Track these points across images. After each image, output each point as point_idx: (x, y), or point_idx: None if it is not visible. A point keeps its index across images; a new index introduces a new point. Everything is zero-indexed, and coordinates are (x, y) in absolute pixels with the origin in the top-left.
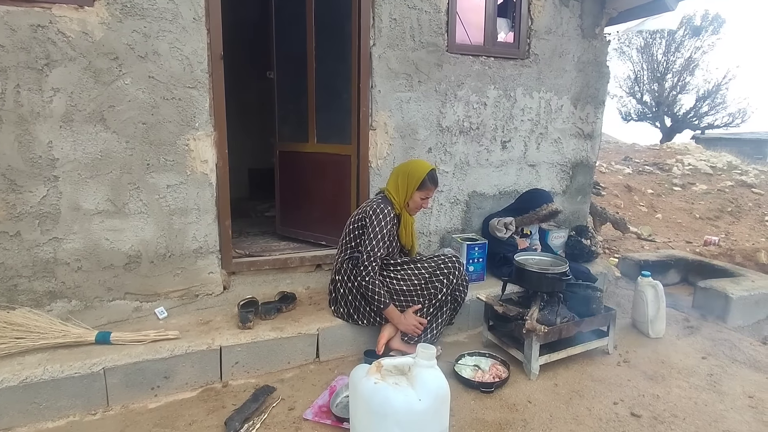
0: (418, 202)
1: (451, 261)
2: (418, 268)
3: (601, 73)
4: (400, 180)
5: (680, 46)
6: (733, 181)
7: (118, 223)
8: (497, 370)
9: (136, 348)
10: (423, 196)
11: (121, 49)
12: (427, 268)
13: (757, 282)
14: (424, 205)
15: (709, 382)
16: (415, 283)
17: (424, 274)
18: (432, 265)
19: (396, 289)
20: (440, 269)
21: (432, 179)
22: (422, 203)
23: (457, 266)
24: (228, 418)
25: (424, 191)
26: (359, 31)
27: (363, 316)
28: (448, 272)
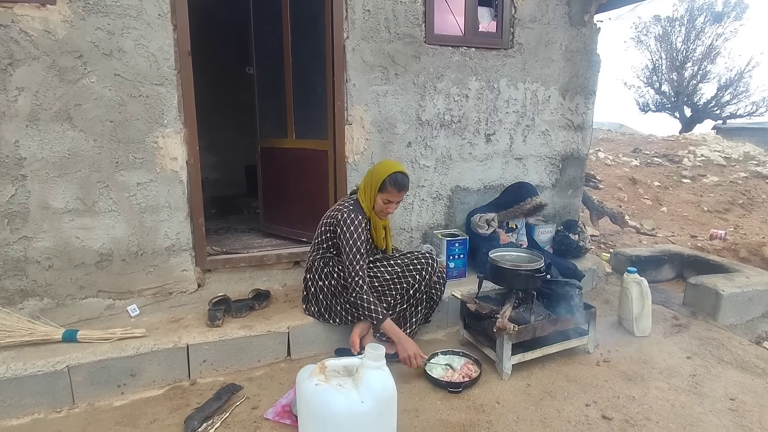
0: (381, 206)
1: (424, 257)
2: (391, 264)
3: (591, 62)
4: (365, 181)
5: (701, 34)
6: (748, 172)
7: (89, 222)
8: (468, 370)
9: (101, 346)
10: (384, 199)
11: (85, 47)
12: (401, 264)
13: (753, 278)
14: (388, 210)
15: (691, 384)
16: (387, 278)
17: (396, 269)
18: (405, 261)
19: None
20: (413, 265)
21: (393, 182)
22: (386, 207)
23: (430, 262)
24: (188, 416)
25: (385, 194)
26: (332, 24)
27: (335, 314)
28: (421, 268)
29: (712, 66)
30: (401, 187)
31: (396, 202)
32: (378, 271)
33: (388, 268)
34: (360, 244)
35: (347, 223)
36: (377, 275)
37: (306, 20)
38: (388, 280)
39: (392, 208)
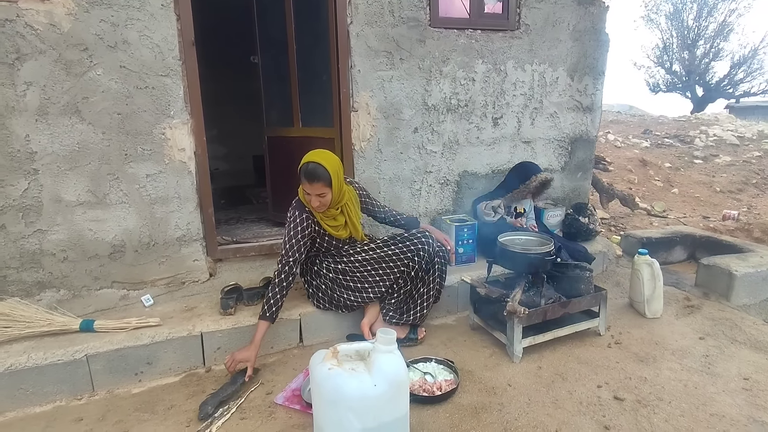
0: (306, 197)
1: (416, 237)
2: (382, 248)
3: (599, 41)
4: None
5: (713, 10)
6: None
7: (101, 214)
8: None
9: (118, 335)
10: (305, 190)
11: (90, 40)
12: (392, 247)
13: (766, 258)
14: (312, 203)
15: (704, 364)
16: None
17: (387, 252)
18: (398, 242)
19: (359, 273)
20: (407, 247)
21: (304, 172)
22: (309, 199)
23: (424, 241)
24: (203, 402)
25: (303, 185)
26: (335, 9)
27: (340, 305)
28: (416, 249)
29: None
30: (311, 177)
31: (314, 195)
32: (372, 254)
33: (383, 251)
34: (291, 241)
35: (288, 219)
36: (371, 258)
37: (308, 6)
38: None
39: (314, 201)
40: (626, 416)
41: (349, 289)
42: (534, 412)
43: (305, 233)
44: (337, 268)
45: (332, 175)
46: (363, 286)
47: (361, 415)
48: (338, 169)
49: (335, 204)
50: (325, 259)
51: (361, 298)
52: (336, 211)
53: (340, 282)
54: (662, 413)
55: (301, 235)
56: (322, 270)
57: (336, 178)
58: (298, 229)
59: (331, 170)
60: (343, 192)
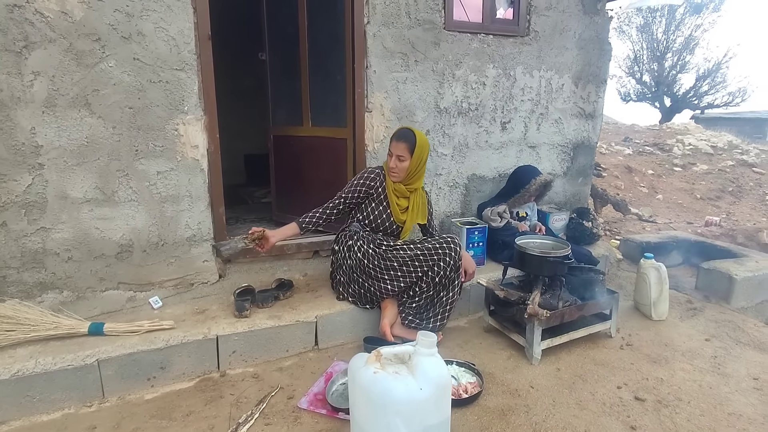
0: (388, 161)
1: (446, 242)
2: (411, 248)
3: (603, 50)
4: None
5: (680, 25)
6: (734, 160)
7: (108, 212)
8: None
9: (130, 339)
10: (390, 152)
11: (103, 30)
12: (420, 248)
13: (762, 262)
14: (390, 164)
15: (713, 365)
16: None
17: (416, 252)
18: (426, 245)
19: (383, 264)
20: (435, 250)
21: (395, 133)
22: (391, 162)
23: (452, 247)
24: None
25: (390, 146)
26: (353, 9)
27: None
28: (443, 254)
29: (691, 57)
30: (400, 136)
31: (396, 155)
32: (401, 252)
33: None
34: (353, 185)
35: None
36: (399, 256)
37: (323, 5)
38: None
39: (392, 162)
40: (650, 416)
41: (370, 276)
42: (560, 414)
43: (368, 184)
44: (367, 252)
45: (417, 145)
46: (383, 278)
47: (408, 419)
48: (424, 147)
49: (408, 179)
50: (362, 238)
51: (379, 288)
52: (405, 189)
53: (364, 266)
54: (683, 413)
55: (364, 182)
56: (354, 246)
57: (419, 151)
58: (365, 175)
59: (419, 141)
60: (419, 174)
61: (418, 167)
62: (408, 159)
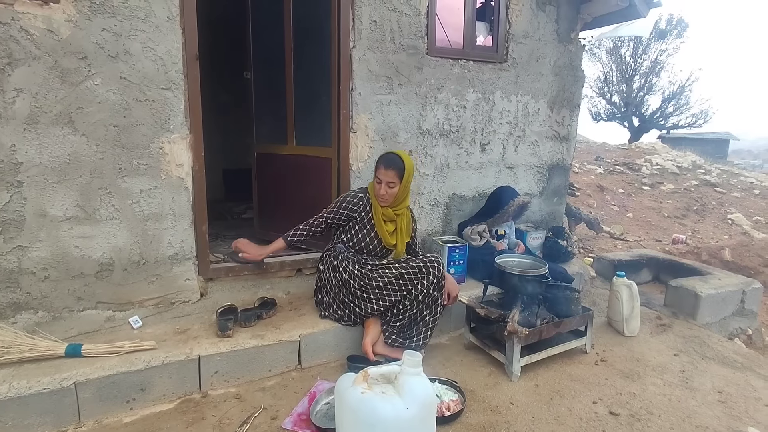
0: (376, 186)
1: (429, 261)
2: (395, 267)
3: (576, 77)
4: None
5: (647, 49)
6: (698, 180)
7: (89, 230)
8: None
9: (109, 360)
10: (377, 178)
11: (90, 49)
12: (404, 267)
13: (724, 280)
14: (379, 191)
15: (682, 379)
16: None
17: (400, 272)
18: (410, 264)
19: (368, 284)
20: (418, 269)
21: (383, 159)
22: (378, 188)
23: (435, 266)
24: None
25: (377, 173)
26: (339, 33)
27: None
28: (426, 273)
29: (657, 79)
30: (389, 163)
31: (385, 182)
32: (386, 272)
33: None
34: (336, 205)
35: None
36: (384, 275)
37: (309, 28)
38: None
39: (382, 189)
40: (624, 430)
41: (355, 296)
42: (540, 429)
43: (351, 208)
44: (352, 272)
45: (405, 171)
46: (369, 297)
47: None
48: (411, 171)
49: (396, 204)
50: (346, 259)
51: (363, 309)
52: (392, 213)
53: (349, 286)
54: (654, 426)
55: (346, 205)
56: (339, 267)
57: (407, 176)
58: (347, 200)
59: (407, 166)
60: (405, 198)
61: (406, 190)
62: (397, 185)
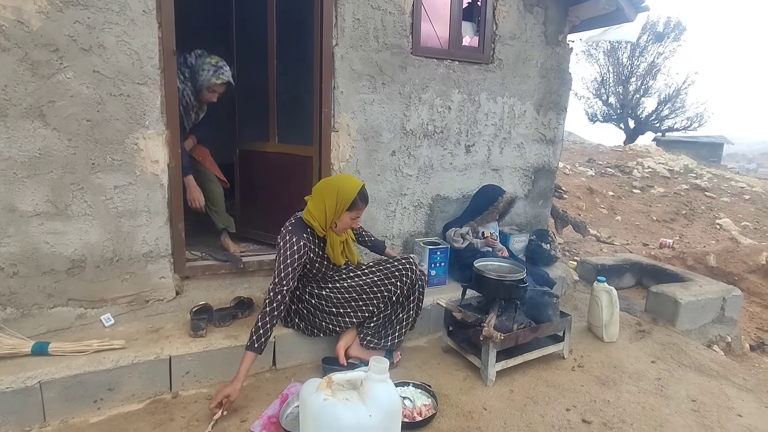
0: (348, 222)
1: (405, 262)
2: (372, 271)
3: (563, 79)
4: (327, 200)
5: (644, 51)
6: (689, 184)
7: (60, 226)
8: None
9: (77, 359)
10: (354, 216)
11: (62, 41)
12: (382, 270)
13: (705, 287)
14: (353, 225)
15: (657, 386)
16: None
17: (374, 278)
18: (386, 267)
19: (342, 298)
20: (394, 271)
21: (363, 198)
22: (352, 223)
23: (410, 267)
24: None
25: (355, 211)
26: (321, 30)
27: (322, 329)
28: (401, 274)
29: (653, 82)
30: (367, 199)
31: (361, 216)
32: (357, 281)
33: (368, 277)
34: (288, 269)
35: (285, 243)
36: (357, 285)
37: (292, 25)
38: (369, 287)
39: (357, 223)
40: None
41: (330, 314)
42: None
43: (301, 261)
44: (321, 294)
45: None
46: (345, 311)
47: None
48: None
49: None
50: (309, 284)
51: (343, 323)
52: (344, 235)
53: (322, 308)
54: None
55: (298, 263)
56: (304, 295)
57: None
58: (296, 256)
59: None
60: None
61: None
62: None
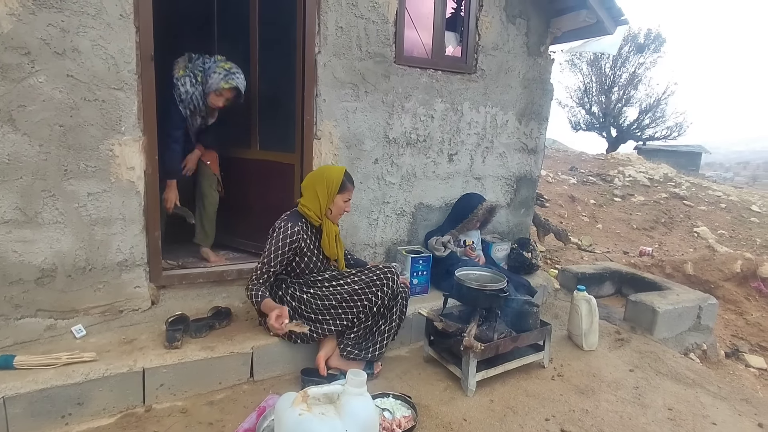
0: (341, 206)
1: (383, 272)
2: (354, 280)
3: (545, 90)
4: (318, 188)
5: (626, 62)
6: (668, 193)
7: (29, 234)
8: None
9: (44, 373)
10: (345, 198)
11: (34, 44)
12: (363, 280)
13: (682, 295)
14: (346, 209)
15: (635, 395)
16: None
17: (355, 287)
18: (366, 276)
19: (322, 305)
20: (375, 280)
21: (349, 179)
22: (345, 206)
23: (391, 277)
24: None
25: (346, 193)
26: (304, 38)
27: (299, 336)
28: (382, 284)
29: (635, 92)
30: (353, 183)
31: (350, 199)
32: (333, 290)
33: (349, 286)
34: (282, 249)
35: (278, 227)
36: (338, 293)
37: (275, 32)
38: (350, 295)
39: (348, 206)
40: None
41: (309, 320)
42: None
43: (293, 247)
44: (301, 297)
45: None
46: (324, 318)
47: None
48: None
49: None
50: (291, 285)
51: (321, 329)
52: (337, 228)
53: (301, 312)
54: None
55: (289, 247)
56: (285, 297)
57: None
58: (288, 240)
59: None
60: None
61: None
62: None
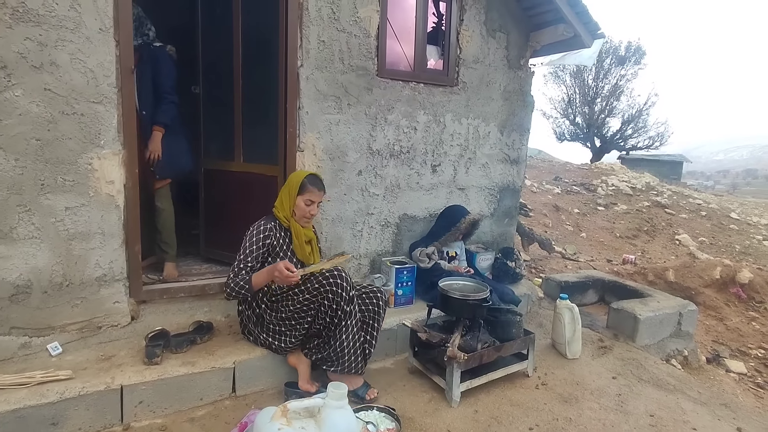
0: (303, 208)
1: (326, 278)
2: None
3: (525, 102)
4: (283, 191)
5: (608, 74)
6: (650, 201)
7: (4, 250)
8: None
9: (17, 392)
10: (305, 199)
11: (10, 58)
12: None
13: (663, 302)
14: (311, 212)
15: (617, 402)
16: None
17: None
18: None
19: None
20: (318, 290)
21: (312, 181)
22: (308, 209)
23: (338, 282)
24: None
25: (306, 194)
26: (286, 51)
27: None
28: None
29: (617, 102)
30: (320, 185)
31: (317, 203)
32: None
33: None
34: (252, 247)
35: (252, 227)
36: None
37: (258, 45)
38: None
39: (315, 210)
40: None
41: (269, 330)
42: None
43: (266, 243)
44: (268, 302)
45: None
46: (281, 330)
47: None
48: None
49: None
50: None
51: (283, 342)
52: (311, 233)
53: (263, 320)
54: None
55: (262, 242)
56: (254, 301)
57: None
58: (261, 236)
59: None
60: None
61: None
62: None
